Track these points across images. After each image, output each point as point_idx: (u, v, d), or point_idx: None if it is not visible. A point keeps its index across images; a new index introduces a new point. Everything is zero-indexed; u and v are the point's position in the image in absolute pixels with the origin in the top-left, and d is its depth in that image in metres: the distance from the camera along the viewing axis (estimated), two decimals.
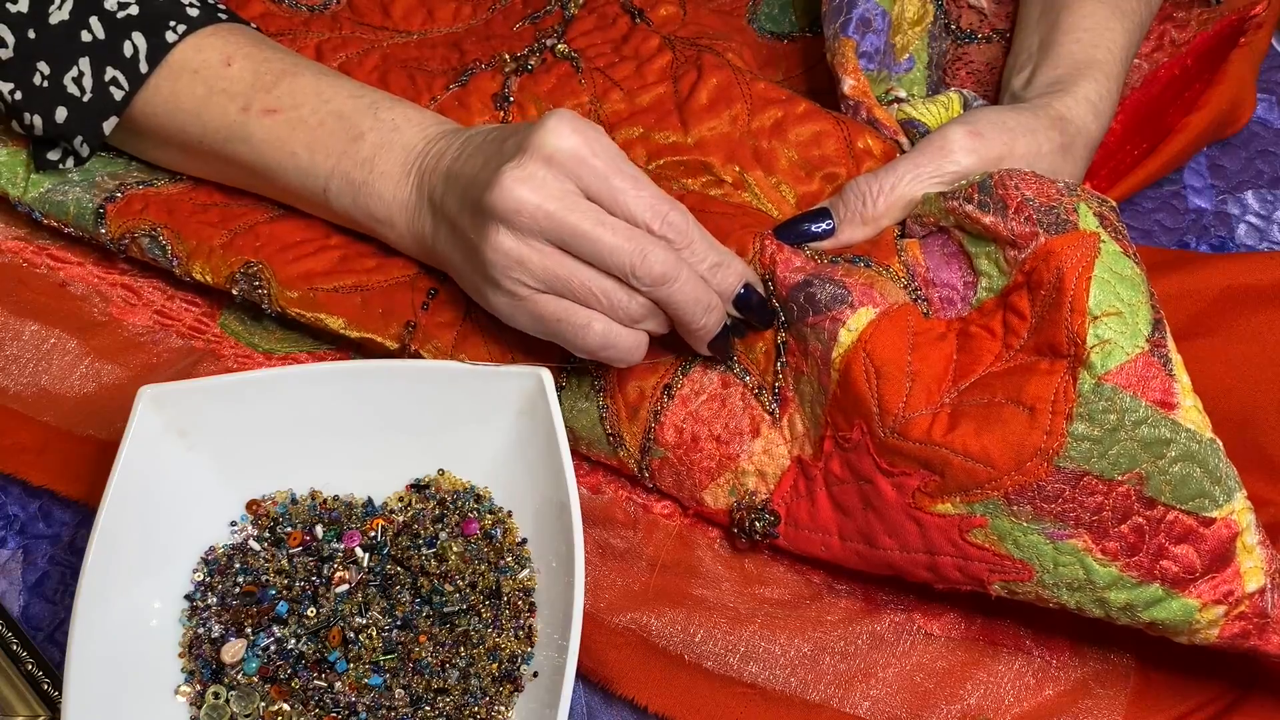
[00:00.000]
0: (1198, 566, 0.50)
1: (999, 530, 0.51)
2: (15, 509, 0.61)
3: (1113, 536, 0.50)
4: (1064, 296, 0.50)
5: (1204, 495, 0.50)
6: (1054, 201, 0.53)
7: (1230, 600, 0.50)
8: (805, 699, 0.55)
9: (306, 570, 0.56)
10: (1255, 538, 0.51)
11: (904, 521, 0.52)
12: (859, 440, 0.52)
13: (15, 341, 0.63)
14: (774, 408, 0.56)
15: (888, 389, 0.52)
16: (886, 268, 0.55)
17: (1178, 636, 0.52)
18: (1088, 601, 0.51)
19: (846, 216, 0.58)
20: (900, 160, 0.58)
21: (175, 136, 0.61)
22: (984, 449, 0.50)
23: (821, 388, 0.54)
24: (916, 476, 0.51)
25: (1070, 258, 0.50)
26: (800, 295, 0.54)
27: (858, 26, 0.65)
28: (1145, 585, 0.50)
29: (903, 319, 0.53)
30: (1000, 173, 0.54)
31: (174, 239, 0.61)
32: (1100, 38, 0.63)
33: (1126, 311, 0.50)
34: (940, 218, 0.56)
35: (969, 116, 0.59)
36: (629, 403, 0.57)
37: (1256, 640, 0.51)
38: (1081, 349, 0.49)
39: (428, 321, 0.59)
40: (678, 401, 0.56)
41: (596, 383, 0.58)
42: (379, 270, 0.60)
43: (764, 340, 0.56)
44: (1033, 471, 0.49)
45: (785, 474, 0.56)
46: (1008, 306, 0.53)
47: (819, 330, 0.54)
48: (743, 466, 0.56)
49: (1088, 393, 0.49)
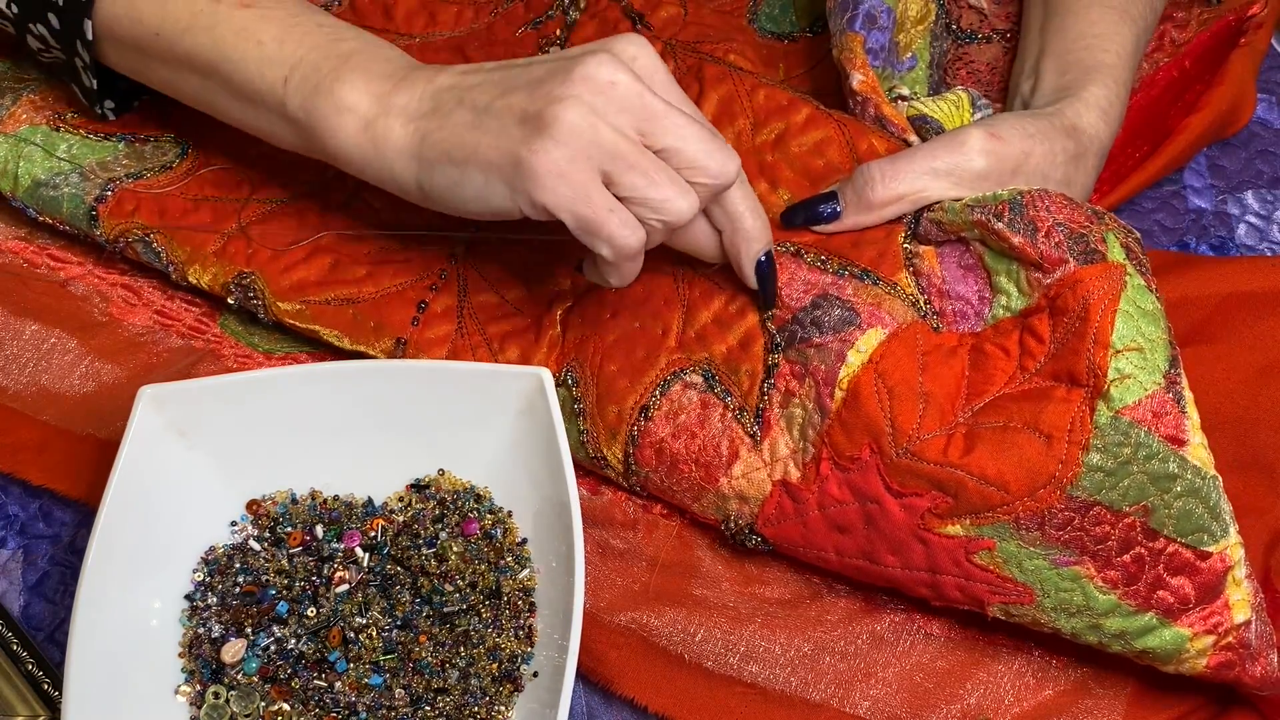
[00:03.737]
0: (1191, 598, 0.51)
1: (1005, 553, 0.51)
2: (15, 509, 0.61)
3: (1115, 565, 0.51)
4: (1088, 327, 0.50)
5: (1204, 530, 0.51)
6: (1083, 229, 0.53)
7: (1219, 631, 0.51)
8: (805, 699, 0.55)
9: (306, 570, 0.56)
10: (1244, 571, 0.52)
11: (910, 541, 0.52)
12: (867, 460, 0.52)
13: (15, 341, 0.63)
14: (755, 430, 0.55)
15: (901, 409, 0.52)
16: (894, 285, 0.55)
17: (1166, 665, 0.53)
18: (1083, 627, 0.52)
19: (851, 199, 0.57)
20: (915, 150, 0.57)
21: (131, 30, 0.58)
22: (1000, 473, 0.50)
23: (820, 409, 0.53)
24: (928, 498, 0.51)
25: (1097, 289, 0.51)
26: (807, 317, 0.54)
27: (864, 22, 0.65)
28: (1140, 614, 0.51)
29: (912, 339, 0.53)
30: (1032, 193, 0.54)
31: (168, 245, 0.61)
32: (1109, 42, 0.62)
33: (1147, 347, 0.50)
34: (964, 229, 0.55)
35: (990, 120, 0.58)
36: (608, 425, 0.57)
37: (1240, 671, 0.52)
38: (1101, 381, 0.50)
39: (418, 337, 0.59)
40: (655, 422, 0.56)
41: (577, 405, 0.58)
42: (370, 280, 0.61)
43: (750, 360, 0.55)
44: (1045, 499, 0.50)
45: (768, 498, 0.55)
46: (1026, 328, 0.53)
47: (825, 351, 0.53)
48: (722, 490, 0.55)
49: (1104, 425, 0.49)
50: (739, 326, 0.56)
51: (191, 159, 0.65)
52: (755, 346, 0.56)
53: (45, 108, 0.66)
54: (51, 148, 0.64)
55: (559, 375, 0.58)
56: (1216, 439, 0.51)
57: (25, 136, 0.64)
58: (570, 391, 0.58)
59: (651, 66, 0.52)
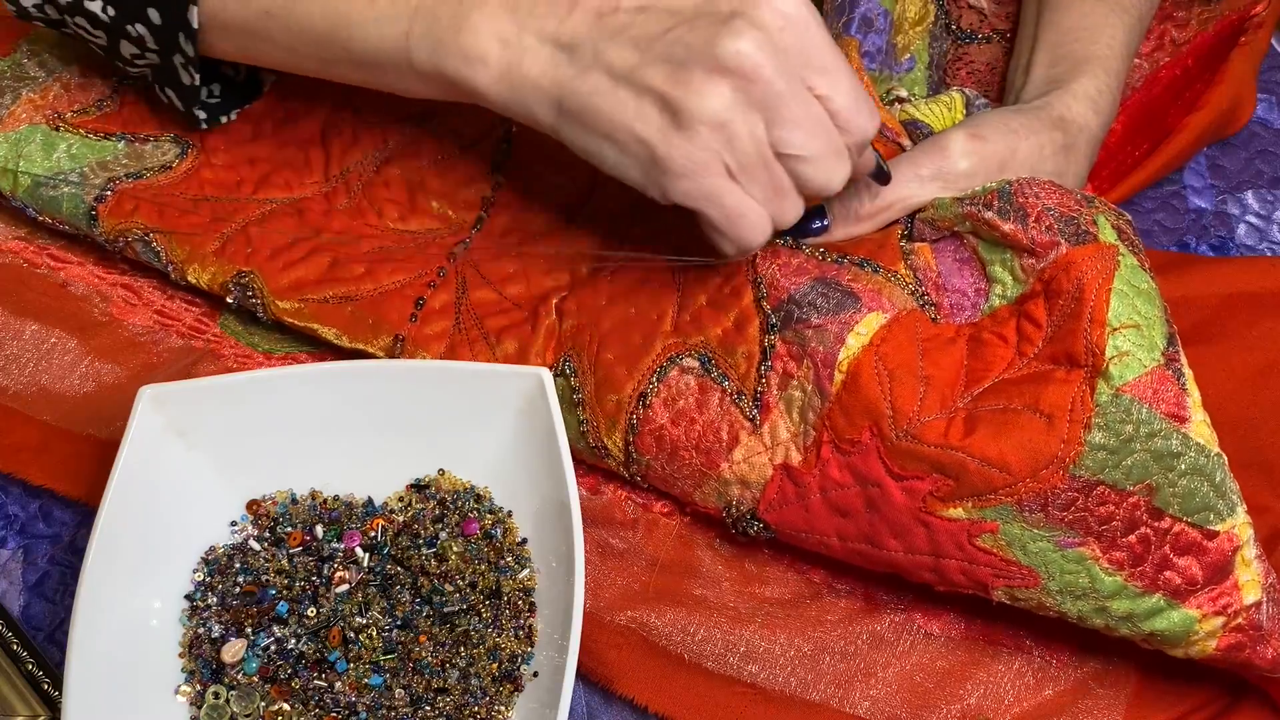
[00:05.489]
0: (1199, 579, 0.51)
1: (1009, 536, 0.51)
2: (15, 509, 0.61)
3: (1120, 546, 0.50)
4: (1084, 307, 0.50)
5: (1209, 509, 0.50)
6: (1074, 212, 0.53)
7: (1229, 612, 0.51)
8: (805, 699, 0.55)
9: (306, 570, 0.56)
10: (1253, 552, 0.51)
11: (912, 525, 0.52)
12: (867, 443, 0.52)
13: (15, 341, 0.63)
14: (754, 413, 0.54)
15: (901, 392, 0.51)
16: (894, 273, 0.55)
17: (1175, 649, 0.52)
18: (1089, 610, 0.51)
19: (840, 213, 0.57)
20: (900, 159, 0.57)
21: (239, 13, 0.57)
22: (1001, 455, 0.50)
23: (819, 391, 0.53)
24: (929, 481, 0.51)
25: (1091, 269, 0.50)
26: (804, 298, 0.54)
27: (860, 26, 0.65)
28: (1148, 595, 0.51)
29: (911, 325, 0.53)
30: (1020, 181, 0.54)
31: (167, 244, 0.61)
32: (1099, 34, 0.62)
33: (1144, 324, 0.50)
34: (956, 223, 0.56)
35: (972, 120, 0.59)
36: (607, 414, 0.56)
37: (1251, 653, 0.51)
38: (1100, 359, 0.49)
39: (416, 333, 0.59)
40: (654, 409, 0.56)
41: (576, 395, 0.58)
42: (368, 277, 0.60)
43: (746, 343, 0.55)
44: (1048, 479, 0.49)
45: (769, 483, 0.54)
46: (1023, 314, 0.52)
47: (823, 333, 0.53)
48: (724, 475, 0.55)
49: (1105, 403, 0.49)
50: (733, 308, 0.56)
51: (191, 159, 0.65)
52: (750, 328, 0.55)
53: (45, 107, 0.66)
54: (51, 147, 0.64)
55: (557, 365, 0.58)
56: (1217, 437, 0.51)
57: (25, 136, 0.65)
58: (569, 381, 0.58)
59: (803, 23, 0.49)
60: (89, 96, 0.67)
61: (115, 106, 0.67)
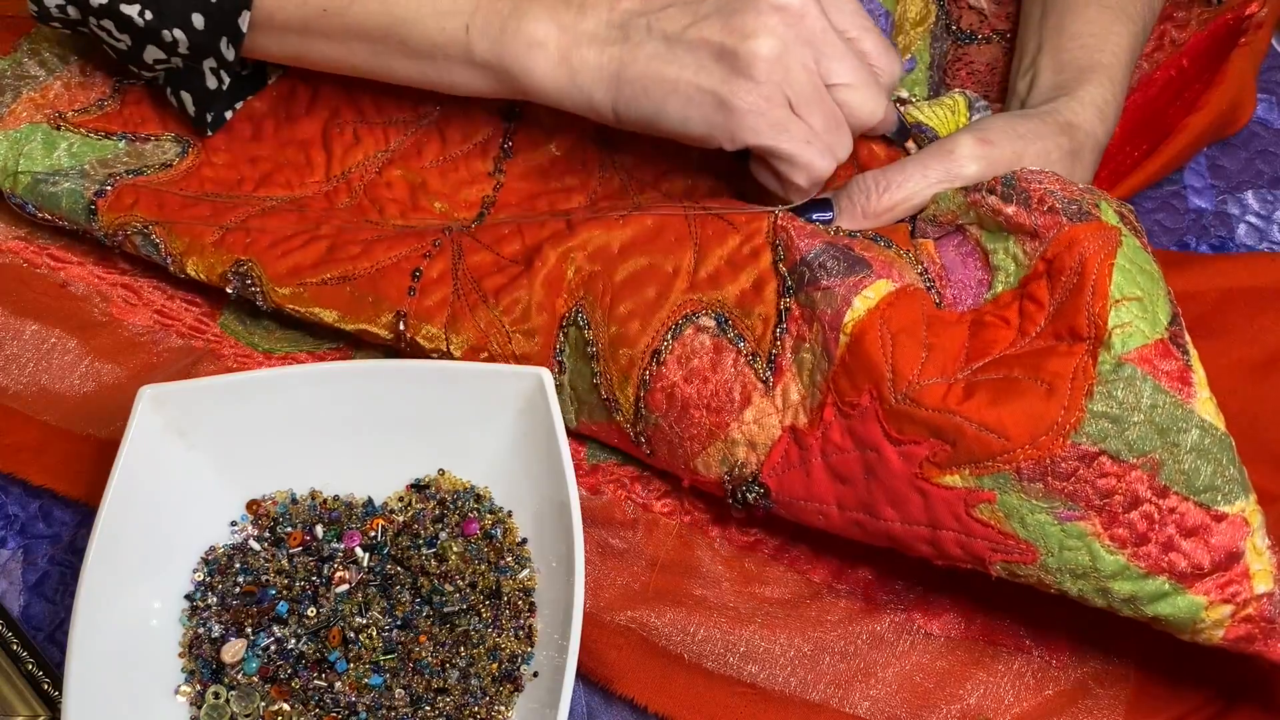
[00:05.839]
0: (1206, 563, 0.49)
1: (1007, 507, 0.50)
2: (15, 509, 0.61)
3: (1122, 523, 0.49)
4: (1086, 281, 0.49)
5: (1216, 489, 0.49)
6: (1077, 196, 0.52)
7: (1237, 600, 0.49)
8: (805, 699, 0.55)
9: (306, 570, 0.56)
10: (1265, 541, 0.50)
11: (908, 492, 0.51)
12: (867, 406, 0.51)
13: (15, 341, 0.63)
14: (768, 375, 0.54)
15: (903, 354, 0.51)
16: (905, 252, 0.55)
17: (1181, 634, 0.51)
18: (1090, 590, 0.50)
19: (847, 208, 0.57)
20: (908, 160, 0.58)
21: (297, 13, 0.58)
22: (999, 419, 0.49)
23: (826, 354, 0.53)
24: (926, 445, 0.50)
25: (1093, 245, 0.50)
26: (816, 260, 0.54)
27: None
28: (1152, 578, 0.49)
29: (917, 300, 0.53)
30: (1023, 170, 0.54)
31: (166, 236, 0.61)
32: (1104, 42, 0.62)
33: (1147, 298, 0.49)
34: (960, 213, 0.55)
35: (980, 124, 0.59)
36: (620, 368, 0.56)
37: (1262, 645, 0.50)
38: (1102, 330, 0.49)
39: (417, 307, 0.59)
40: (668, 366, 0.55)
41: (590, 347, 0.57)
42: (364, 256, 0.60)
43: (763, 304, 0.55)
44: (1047, 446, 0.48)
45: (776, 444, 0.54)
46: (1026, 295, 0.52)
47: (831, 294, 0.53)
48: (732, 436, 0.55)
49: (1107, 372, 0.48)
50: (752, 269, 0.55)
51: (192, 157, 0.65)
52: (768, 290, 0.55)
53: (46, 106, 0.66)
54: (52, 146, 0.64)
55: (569, 315, 0.57)
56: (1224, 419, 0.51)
57: (26, 135, 0.65)
58: (583, 333, 0.57)
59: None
60: (90, 95, 0.67)
61: (116, 106, 0.67)
